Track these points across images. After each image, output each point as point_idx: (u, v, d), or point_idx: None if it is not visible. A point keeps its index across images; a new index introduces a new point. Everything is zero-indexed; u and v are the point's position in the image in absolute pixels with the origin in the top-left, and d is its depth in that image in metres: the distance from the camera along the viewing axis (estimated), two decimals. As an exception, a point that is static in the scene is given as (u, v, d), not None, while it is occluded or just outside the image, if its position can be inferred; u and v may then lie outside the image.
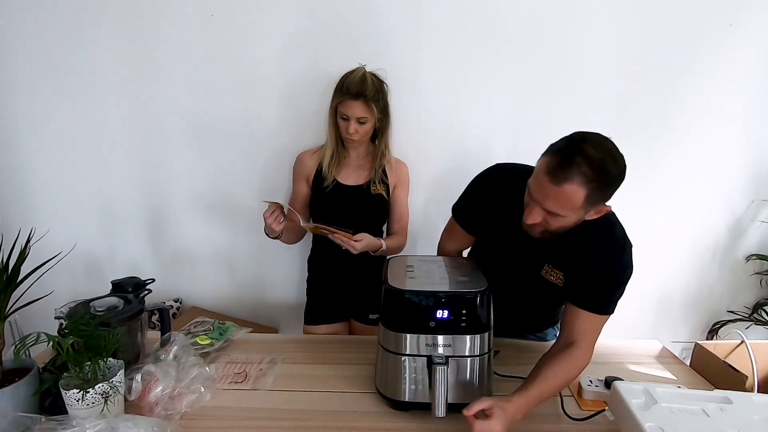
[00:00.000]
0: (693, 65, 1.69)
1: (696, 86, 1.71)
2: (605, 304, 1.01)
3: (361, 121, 1.35)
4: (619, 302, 1.03)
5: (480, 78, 1.69)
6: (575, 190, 0.85)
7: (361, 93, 1.31)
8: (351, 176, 1.48)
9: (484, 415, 0.85)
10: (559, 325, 1.14)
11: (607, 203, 0.93)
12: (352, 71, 1.36)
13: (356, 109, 1.33)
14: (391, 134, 1.48)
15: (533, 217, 0.92)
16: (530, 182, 0.93)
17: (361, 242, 1.30)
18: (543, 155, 0.91)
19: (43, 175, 1.83)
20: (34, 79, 1.72)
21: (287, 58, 1.68)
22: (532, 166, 0.95)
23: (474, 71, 1.69)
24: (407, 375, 0.95)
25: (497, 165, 1.15)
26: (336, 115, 1.39)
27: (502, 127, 1.73)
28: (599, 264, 0.99)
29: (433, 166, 1.78)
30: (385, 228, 1.58)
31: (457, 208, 1.23)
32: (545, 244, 1.02)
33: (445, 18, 1.63)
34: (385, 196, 1.48)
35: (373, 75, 1.37)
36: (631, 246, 1.03)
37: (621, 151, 0.89)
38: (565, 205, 0.87)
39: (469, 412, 0.84)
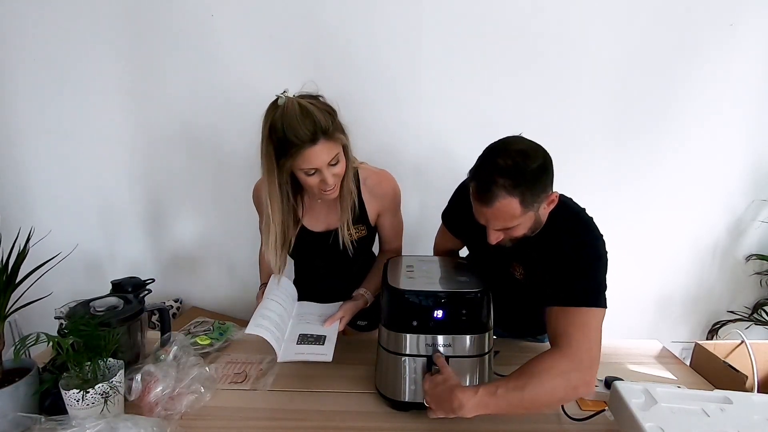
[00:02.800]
0: (693, 65, 1.69)
1: (696, 86, 1.71)
2: (580, 294, 0.90)
3: (332, 164, 1.01)
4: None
5: (478, 82, 1.69)
6: (507, 203, 0.86)
7: (318, 130, 0.95)
8: (320, 221, 1.21)
9: None
10: None
11: (554, 190, 0.93)
12: (282, 112, 0.95)
13: (322, 153, 0.97)
14: (352, 159, 1.10)
15: (494, 238, 0.94)
16: (473, 211, 0.95)
17: (343, 320, 1.13)
18: (470, 183, 0.92)
19: (43, 175, 1.83)
20: (34, 79, 1.72)
21: (287, 57, 1.68)
22: None
23: (472, 75, 1.69)
24: (407, 375, 0.95)
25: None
26: (289, 179, 1.06)
27: (501, 130, 1.72)
28: (557, 252, 0.95)
29: (430, 168, 1.78)
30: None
31: (444, 214, 1.25)
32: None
33: (442, 24, 1.64)
34: (367, 233, 1.23)
35: (306, 98, 0.99)
36: (590, 229, 0.97)
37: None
38: (507, 217, 0.88)
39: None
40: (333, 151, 0.99)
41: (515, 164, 0.86)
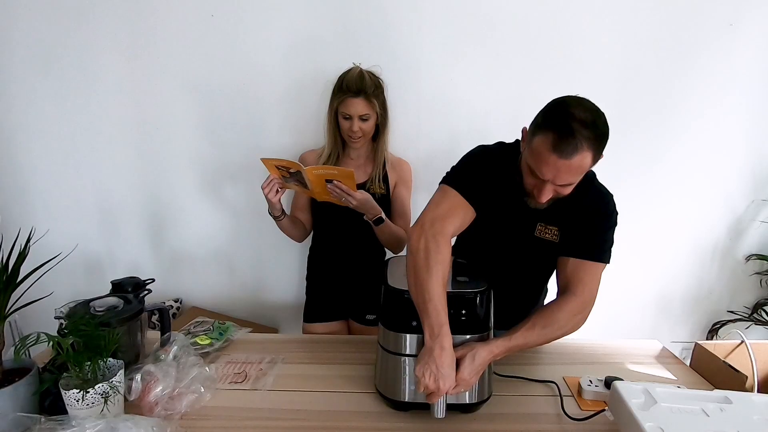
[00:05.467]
0: (693, 64, 1.69)
1: (696, 85, 1.71)
2: (599, 250, 1.03)
3: (363, 119, 1.36)
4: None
5: (481, 78, 1.69)
6: (584, 157, 0.87)
7: (362, 89, 1.33)
8: None
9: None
10: None
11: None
12: (349, 70, 1.37)
13: (358, 106, 1.34)
14: (390, 132, 1.47)
15: (547, 195, 0.94)
16: (534, 165, 0.92)
17: (362, 193, 1.30)
18: (536, 135, 0.91)
19: (43, 175, 1.83)
20: (33, 79, 1.72)
21: (287, 57, 1.68)
22: (509, 143, 1.09)
23: (474, 71, 1.69)
24: (407, 375, 0.95)
25: (484, 145, 1.16)
26: (336, 116, 1.39)
27: (503, 127, 1.72)
28: (590, 212, 1.04)
29: (433, 166, 1.77)
30: None
31: (456, 178, 1.09)
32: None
33: (445, 17, 1.64)
34: (386, 194, 1.48)
35: (370, 72, 1.39)
36: (612, 195, 1.09)
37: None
38: (577, 172, 0.90)
39: None
40: (367, 109, 1.35)
41: (594, 120, 0.87)
